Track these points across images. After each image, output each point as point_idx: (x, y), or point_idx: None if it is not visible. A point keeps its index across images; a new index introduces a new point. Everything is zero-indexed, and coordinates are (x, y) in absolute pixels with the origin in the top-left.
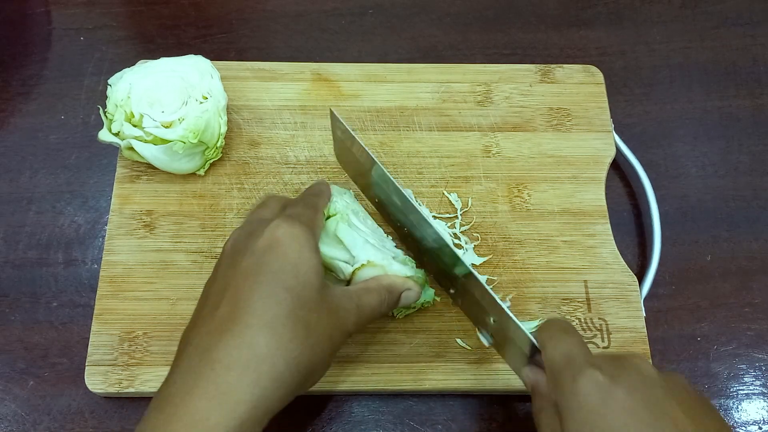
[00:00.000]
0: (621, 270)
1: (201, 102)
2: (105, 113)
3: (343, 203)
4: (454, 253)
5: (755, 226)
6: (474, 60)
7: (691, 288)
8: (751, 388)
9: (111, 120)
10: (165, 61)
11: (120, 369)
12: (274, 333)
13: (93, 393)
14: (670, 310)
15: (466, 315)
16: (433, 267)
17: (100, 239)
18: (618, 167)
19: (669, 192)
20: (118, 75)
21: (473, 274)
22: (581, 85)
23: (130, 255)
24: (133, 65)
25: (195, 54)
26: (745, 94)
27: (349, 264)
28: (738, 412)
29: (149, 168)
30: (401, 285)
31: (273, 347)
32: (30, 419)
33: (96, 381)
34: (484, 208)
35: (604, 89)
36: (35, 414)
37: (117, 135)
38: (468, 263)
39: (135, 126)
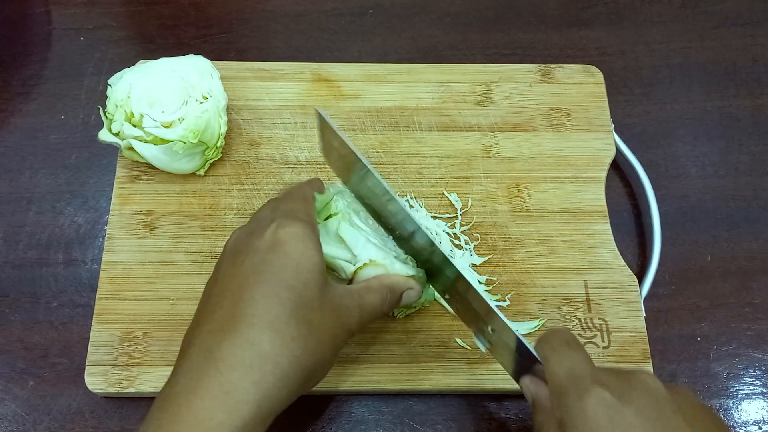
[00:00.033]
0: (621, 270)
1: (201, 102)
2: (105, 113)
3: (345, 202)
4: (440, 252)
5: (755, 226)
6: (474, 60)
7: (691, 288)
8: (751, 388)
9: (111, 120)
10: (165, 61)
11: (120, 369)
12: (277, 332)
13: (93, 393)
14: (670, 310)
15: (462, 320)
16: (428, 269)
17: (100, 239)
18: (618, 167)
19: (669, 192)
20: (118, 75)
21: (476, 290)
22: (581, 85)
23: (130, 255)
24: (133, 65)
25: (195, 54)
26: (745, 94)
27: (351, 263)
28: (738, 412)
29: (149, 168)
30: (403, 284)
31: (276, 346)
32: (30, 419)
33: (96, 381)
34: (484, 208)
35: (604, 89)
36: (35, 414)
37: (117, 135)
38: (461, 265)
39: (135, 126)
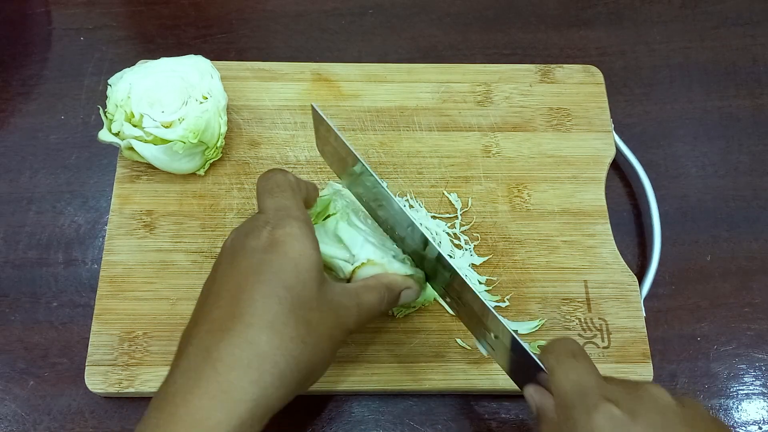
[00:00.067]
0: (621, 270)
1: (201, 102)
2: (105, 113)
3: (344, 202)
4: (435, 248)
5: (755, 226)
6: (474, 60)
7: (691, 288)
8: (751, 388)
9: (111, 120)
10: (165, 61)
11: (120, 369)
12: (275, 332)
13: (93, 393)
14: (670, 310)
15: (464, 324)
16: (427, 271)
17: (100, 239)
18: (618, 167)
19: (669, 192)
20: (118, 75)
21: (472, 289)
22: (581, 85)
23: (130, 255)
24: (133, 65)
25: (195, 54)
26: (745, 94)
27: (349, 263)
28: (738, 412)
29: (149, 168)
30: (401, 283)
31: (274, 346)
32: (30, 419)
33: (96, 381)
34: (484, 208)
35: (604, 89)
36: (35, 414)
37: (117, 135)
38: (458, 264)
39: (135, 126)
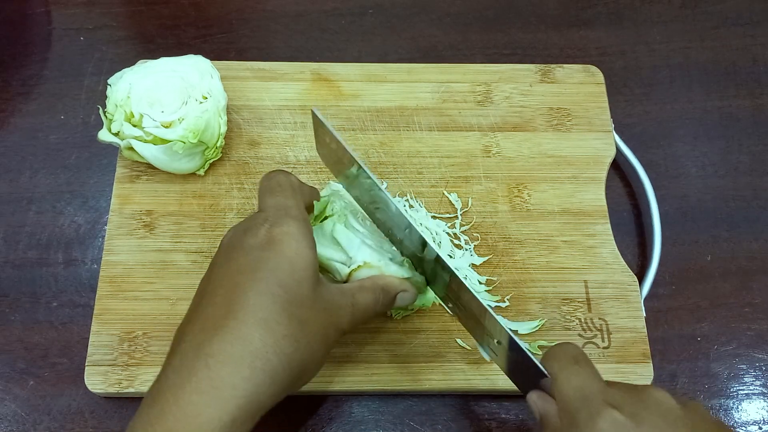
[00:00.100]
0: (621, 270)
1: (201, 102)
2: (105, 113)
3: (342, 204)
4: (432, 249)
5: (755, 226)
6: (474, 60)
7: (691, 288)
8: (751, 388)
9: (111, 120)
10: (165, 61)
11: (120, 369)
12: (268, 329)
13: (93, 393)
14: (670, 310)
15: (465, 328)
16: (426, 273)
17: (100, 239)
18: (618, 167)
19: (669, 192)
20: (118, 75)
21: (471, 291)
22: (581, 85)
23: (130, 255)
24: (133, 65)
25: (195, 54)
26: (745, 94)
27: (346, 265)
28: (738, 412)
29: (149, 168)
30: (397, 286)
31: (267, 343)
32: (30, 419)
33: (96, 381)
34: (484, 208)
35: (604, 89)
36: (35, 414)
37: (117, 135)
38: (456, 264)
39: (135, 126)
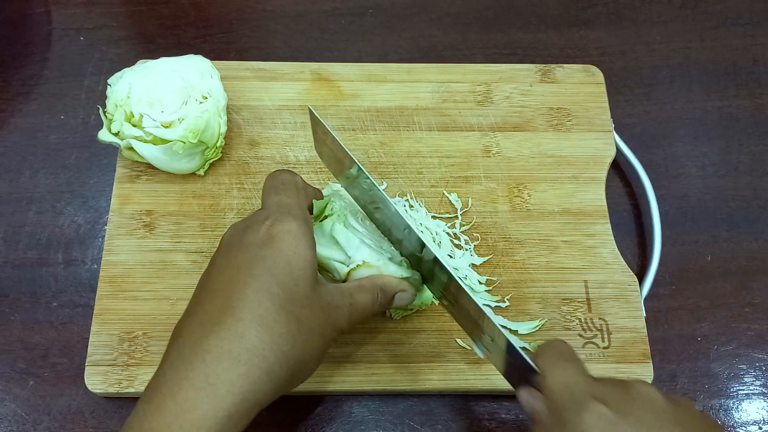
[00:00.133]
0: (621, 270)
1: (201, 102)
2: (105, 113)
3: (341, 203)
4: (430, 251)
5: (755, 226)
6: (474, 60)
7: (691, 288)
8: (751, 388)
9: (111, 120)
10: (165, 61)
11: (120, 369)
12: (265, 327)
13: (93, 393)
14: (670, 310)
15: (460, 326)
16: (424, 273)
17: (100, 239)
18: (618, 167)
19: (669, 192)
20: (118, 75)
21: (467, 292)
22: (581, 85)
23: (130, 255)
24: (133, 65)
25: (195, 54)
26: (745, 94)
27: (345, 264)
28: (738, 412)
29: (149, 168)
30: (396, 286)
31: (264, 341)
32: (30, 419)
33: (96, 381)
34: (484, 208)
35: (604, 89)
36: (35, 414)
37: (117, 135)
38: (455, 265)
39: (135, 126)
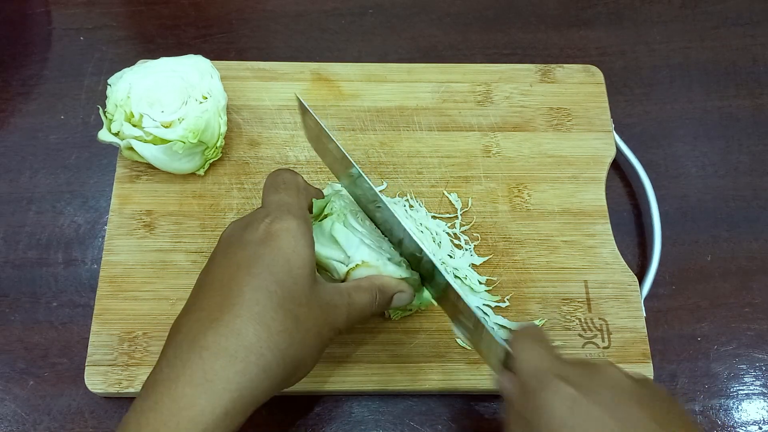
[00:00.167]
0: (621, 270)
1: (201, 102)
2: (105, 113)
3: (342, 203)
4: (414, 241)
5: (755, 226)
6: (474, 60)
7: (691, 288)
8: (751, 388)
9: (111, 120)
10: (165, 61)
11: (120, 369)
12: (263, 324)
13: (93, 393)
14: (670, 310)
15: (444, 311)
16: (424, 274)
17: (100, 239)
18: (618, 167)
19: (669, 192)
20: (118, 75)
21: (465, 301)
22: (581, 85)
23: (130, 255)
24: (133, 65)
25: (195, 54)
26: (745, 94)
27: (344, 264)
28: (738, 412)
29: (149, 168)
30: (394, 286)
31: (262, 338)
32: (30, 419)
33: (96, 381)
34: (484, 208)
35: (604, 89)
36: (35, 414)
37: (117, 135)
38: (454, 264)
39: (135, 126)
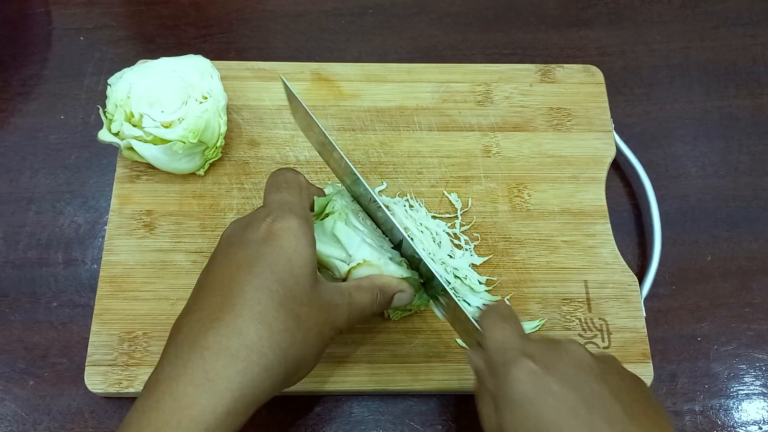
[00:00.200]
0: (621, 270)
1: (201, 102)
2: (105, 113)
3: (343, 202)
4: (399, 231)
5: (755, 226)
6: (474, 60)
7: (691, 288)
8: (751, 388)
9: (111, 120)
10: (165, 61)
11: (120, 369)
12: (264, 324)
13: (93, 393)
14: (670, 310)
15: (425, 290)
16: (423, 274)
17: (100, 239)
18: (618, 167)
19: (669, 192)
20: (118, 75)
21: (456, 301)
22: (581, 85)
23: (130, 255)
24: (133, 65)
25: (195, 54)
26: (745, 94)
27: (345, 263)
28: (738, 412)
29: (149, 168)
30: (395, 286)
31: (263, 337)
32: (30, 419)
33: (96, 381)
34: (484, 208)
35: (604, 89)
36: (35, 414)
37: (117, 135)
38: (454, 264)
39: (135, 126)
